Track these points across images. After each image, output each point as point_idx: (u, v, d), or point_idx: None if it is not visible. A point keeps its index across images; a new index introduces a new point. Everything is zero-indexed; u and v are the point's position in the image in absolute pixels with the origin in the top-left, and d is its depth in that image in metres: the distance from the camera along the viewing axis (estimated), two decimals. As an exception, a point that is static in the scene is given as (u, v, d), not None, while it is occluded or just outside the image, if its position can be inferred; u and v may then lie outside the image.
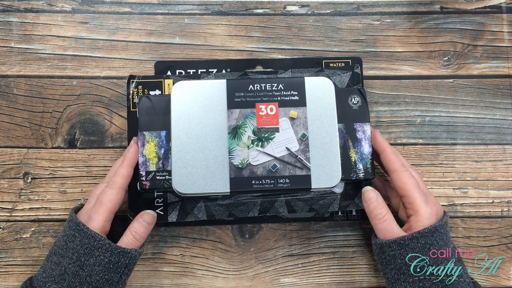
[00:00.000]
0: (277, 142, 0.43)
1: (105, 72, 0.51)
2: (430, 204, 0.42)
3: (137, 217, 0.43)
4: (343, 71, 0.48)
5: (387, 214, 0.42)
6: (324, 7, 0.53)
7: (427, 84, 0.51)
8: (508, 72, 0.52)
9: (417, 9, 0.53)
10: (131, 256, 0.41)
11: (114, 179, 0.42)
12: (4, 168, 0.49)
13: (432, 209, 0.41)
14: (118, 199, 0.42)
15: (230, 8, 0.52)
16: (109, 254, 0.40)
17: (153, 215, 0.44)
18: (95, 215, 0.41)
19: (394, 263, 0.41)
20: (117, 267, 0.40)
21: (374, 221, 0.43)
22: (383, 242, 0.41)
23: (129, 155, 0.43)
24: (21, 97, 0.50)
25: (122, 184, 0.42)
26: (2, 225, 0.48)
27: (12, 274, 0.48)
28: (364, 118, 0.46)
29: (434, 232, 0.40)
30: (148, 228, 0.43)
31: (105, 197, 0.41)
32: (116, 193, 0.42)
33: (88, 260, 0.39)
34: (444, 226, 0.41)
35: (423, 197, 0.42)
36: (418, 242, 0.40)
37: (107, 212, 0.41)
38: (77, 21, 0.51)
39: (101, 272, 0.39)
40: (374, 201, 0.43)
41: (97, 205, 0.41)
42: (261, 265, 0.48)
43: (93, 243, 0.40)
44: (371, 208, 0.43)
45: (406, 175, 0.42)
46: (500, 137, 0.51)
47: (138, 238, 0.42)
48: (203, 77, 0.48)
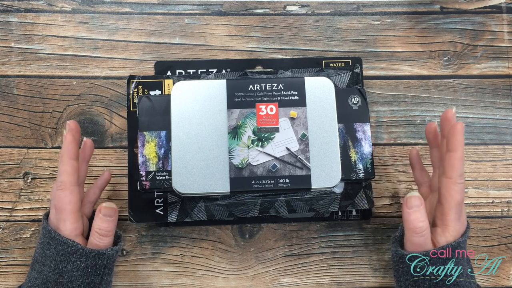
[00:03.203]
0: (277, 142, 0.43)
1: (105, 72, 0.51)
2: (460, 221, 0.40)
3: (96, 213, 0.41)
4: (343, 71, 0.48)
5: (427, 229, 0.39)
6: (324, 7, 0.53)
7: (427, 84, 0.51)
8: (508, 72, 0.52)
9: (417, 9, 0.53)
10: (108, 257, 0.40)
11: (61, 179, 0.39)
12: (4, 168, 0.49)
13: (460, 227, 0.40)
14: (74, 197, 0.39)
15: (230, 8, 0.52)
16: (85, 259, 0.39)
17: (111, 206, 0.41)
18: (61, 222, 0.39)
19: (411, 275, 0.40)
20: (96, 269, 0.39)
21: (410, 232, 0.39)
22: (404, 253, 0.39)
23: (65, 148, 0.40)
24: (21, 97, 0.50)
25: (71, 181, 0.39)
26: (2, 225, 0.48)
27: (12, 274, 0.48)
28: (364, 118, 0.46)
29: (456, 247, 0.39)
30: (111, 221, 0.40)
31: (60, 201, 0.39)
32: (69, 192, 0.39)
33: (66, 267, 0.38)
34: (465, 242, 0.40)
35: (458, 214, 0.39)
36: (439, 258, 0.39)
37: (72, 215, 0.39)
38: (77, 21, 0.51)
39: (80, 277, 0.38)
40: (417, 210, 0.39)
41: (58, 212, 0.40)
42: (261, 265, 0.48)
43: (66, 249, 0.38)
44: (412, 217, 0.39)
45: (457, 188, 0.39)
46: (500, 137, 0.51)
47: (104, 234, 0.40)
48: (203, 77, 0.48)
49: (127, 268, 0.48)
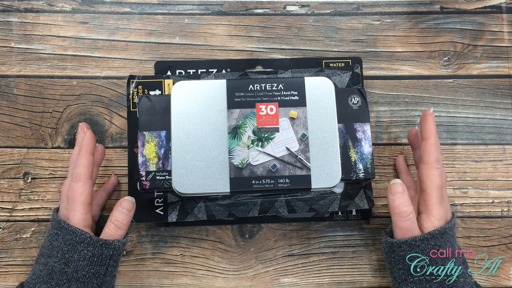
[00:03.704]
0: (277, 142, 0.43)
1: (105, 72, 0.51)
2: (443, 206, 0.41)
3: (116, 206, 0.42)
4: (343, 71, 0.48)
5: (412, 213, 0.40)
6: (324, 7, 0.53)
7: (427, 84, 0.51)
8: (508, 72, 0.52)
9: (417, 9, 0.53)
10: (114, 247, 0.40)
11: (77, 171, 0.41)
12: (4, 168, 0.49)
13: (443, 212, 0.41)
14: (87, 190, 0.41)
15: (230, 8, 0.52)
16: (92, 248, 0.39)
17: (132, 201, 0.43)
18: (71, 212, 0.40)
19: (402, 263, 0.41)
20: (102, 259, 0.40)
21: (397, 217, 0.41)
22: (393, 241, 0.41)
23: (85, 142, 0.42)
24: (21, 97, 0.50)
25: (86, 174, 0.41)
26: (2, 225, 0.48)
27: (12, 274, 0.48)
28: (364, 118, 0.46)
29: (443, 233, 0.40)
30: (128, 215, 0.42)
31: (73, 192, 0.40)
32: (82, 184, 0.40)
33: (72, 256, 0.39)
34: (452, 228, 0.41)
35: (439, 199, 0.41)
36: (429, 243, 0.40)
37: (82, 206, 0.40)
38: (77, 21, 0.51)
39: (86, 266, 0.39)
40: (400, 196, 0.40)
41: (70, 203, 0.41)
42: (261, 265, 0.48)
43: (75, 238, 0.39)
44: (396, 203, 0.40)
45: (435, 173, 0.41)
46: (500, 137, 0.51)
47: (120, 226, 0.41)
48: (203, 77, 0.48)
49: (127, 268, 0.48)
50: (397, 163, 0.49)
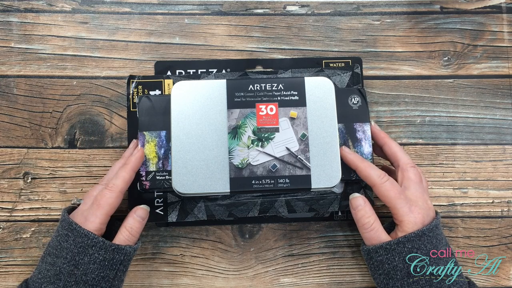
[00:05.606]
0: (277, 142, 0.43)
1: (105, 72, 0.51)
2: (414, 211, 0.41)
3: (130, 213, 0.43)
4: (343, 71, 0.48)
5: (375, 223, 0.42)
6: (324, 7, 0.53)
7: (427, 84, 0.51)
8: (508, 72, 0.52)
9: (417, 9, 0.53)
10: (125, 253, 0.41)
11: (115, 182, 0.42)
12: (4, 168, 0.49)
13: (416, 217, 0.41)
14: (116, 203, 0.41)
15: (230, 8, 0.52)
16: (104, 252, 0.40)
17: (146, 209, 0.44)
18: (92, 217, 0.40)
19: (382, 268, 0.41)
20: (112, 264, 0.40)
21: (361, 229, 0.43)
22: (370, 248, 0.42)
23: (134, 159, 0.43)
24: (21, 97, 0.50)
25: (122, 188, 0.42)
26: (2, 225, 0.48)
27: (12, 274, 0.48)
28: (364, 118, 0.46)
29: (421, 236, 0.40)
30: (142, 223, 0.43)
31: (104, 200, 0.41)
32: (115, 196, 0.41)
33: (82, 259, 0.39)
34: (433, 230, 0.41)
35: (406, 206, 0.41)
36: (405, 246, 0.40)
37: (105, 216, 0.41)
38: (77, 21, 0.51)
39: (96, 270, 0.39)
40: (361, 209, 0.43)
41: (94, 207, 0.41)
42: (261, 265, 0.48)
43: (86, 241, 0.39)
44: (358, 216, 0.43)
45: (385, 187, 0.42)
46: (500, 137, 0.51)
47: (133, 233, 0.42)
48: (203, 77, 0.48)
49: (127, 268, 0.48)
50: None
